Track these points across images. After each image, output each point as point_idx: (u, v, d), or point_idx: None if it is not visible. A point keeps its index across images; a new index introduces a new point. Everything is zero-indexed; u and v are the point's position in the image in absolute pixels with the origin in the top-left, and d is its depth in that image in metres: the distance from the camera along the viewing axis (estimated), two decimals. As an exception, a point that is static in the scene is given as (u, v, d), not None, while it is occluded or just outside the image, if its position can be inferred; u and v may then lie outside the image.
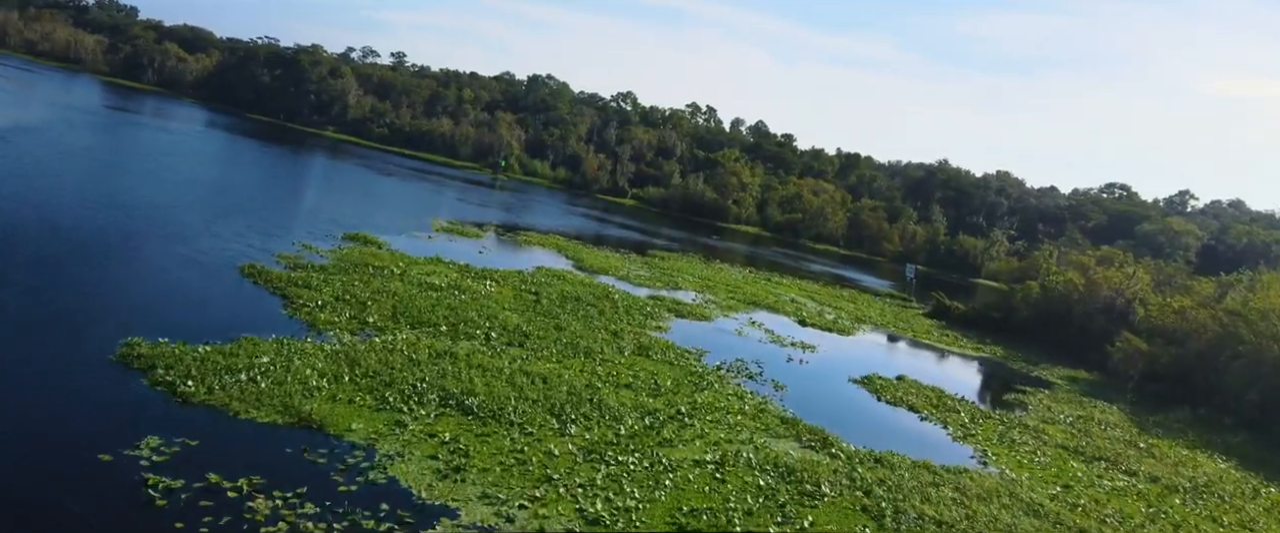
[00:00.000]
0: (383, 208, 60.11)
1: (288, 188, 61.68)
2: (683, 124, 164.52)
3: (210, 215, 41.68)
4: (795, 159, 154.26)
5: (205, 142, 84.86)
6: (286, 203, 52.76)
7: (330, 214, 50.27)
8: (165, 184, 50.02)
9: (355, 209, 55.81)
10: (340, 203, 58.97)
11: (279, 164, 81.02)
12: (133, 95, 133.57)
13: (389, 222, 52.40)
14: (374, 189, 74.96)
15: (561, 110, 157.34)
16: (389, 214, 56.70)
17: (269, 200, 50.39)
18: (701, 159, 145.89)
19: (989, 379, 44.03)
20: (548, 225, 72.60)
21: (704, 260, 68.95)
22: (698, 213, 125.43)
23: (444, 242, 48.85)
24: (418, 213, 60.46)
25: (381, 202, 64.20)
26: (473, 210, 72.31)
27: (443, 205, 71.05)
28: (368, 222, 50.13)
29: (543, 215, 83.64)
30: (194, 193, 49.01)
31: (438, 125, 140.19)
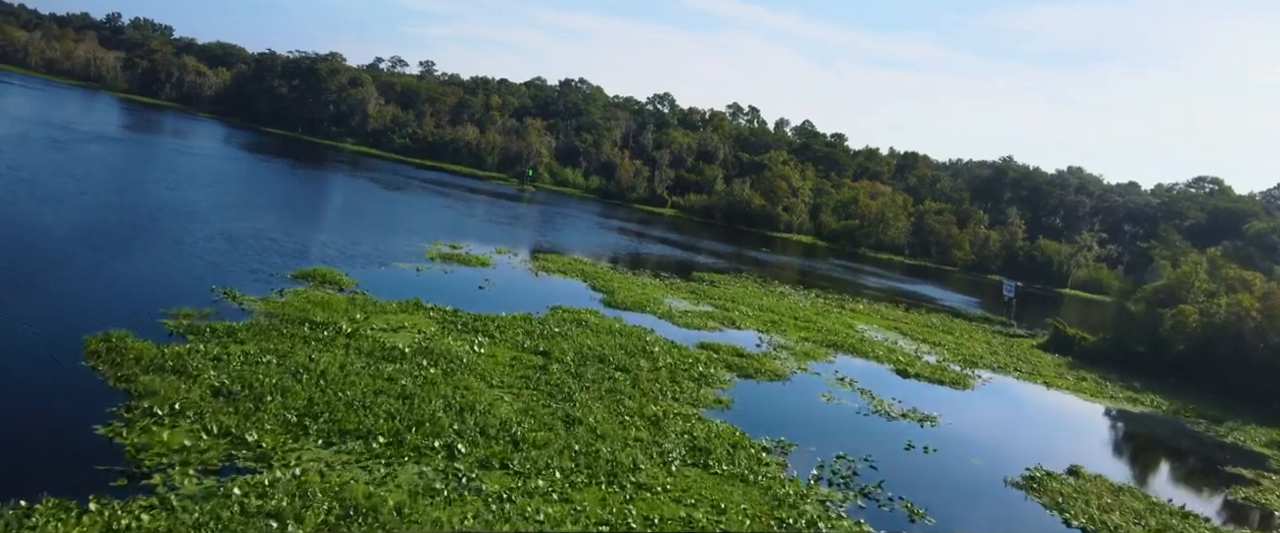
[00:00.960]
0: (377, 229, 50.17)
1: (268, 209, 52.27)
2: (724, 126, 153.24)
3: (119, 251, 31.82)
4: (848, 160, 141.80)
5: (200, 160, 76.28)
6: (254, 229, 43.16)
7: (299, 242, 40.28)
8: (103, 206, 40.56)
9: (339, 234, 45.87)
10: (324, 226, 49.13)
11: (276, 181, 71.93)
12: (149, 113, 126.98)
13: (377, 248, 42.28)
14: (375, 207, 65.23)
15: (594, 114, 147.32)
16: (382, 237, 46.69)
17: (231, 228, 40.87)
18: (746, 163, 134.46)
19: (1178, 455, 32.05)
20: (575, 244, 62.07)
21: (759, 283, 57.69)
22: (744, 221, 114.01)
23: (437, 274, 38.49)
24: (419, 235, 50.37)
25: (378, 222, 54.31)
26: (489, 229, 62.08)
27: (454, 224, 60.93)
28: (349, 250, 40.08)
29: (571, 232, 73.15)
30: (133, 217, 39.42)
31: (462, 134, 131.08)
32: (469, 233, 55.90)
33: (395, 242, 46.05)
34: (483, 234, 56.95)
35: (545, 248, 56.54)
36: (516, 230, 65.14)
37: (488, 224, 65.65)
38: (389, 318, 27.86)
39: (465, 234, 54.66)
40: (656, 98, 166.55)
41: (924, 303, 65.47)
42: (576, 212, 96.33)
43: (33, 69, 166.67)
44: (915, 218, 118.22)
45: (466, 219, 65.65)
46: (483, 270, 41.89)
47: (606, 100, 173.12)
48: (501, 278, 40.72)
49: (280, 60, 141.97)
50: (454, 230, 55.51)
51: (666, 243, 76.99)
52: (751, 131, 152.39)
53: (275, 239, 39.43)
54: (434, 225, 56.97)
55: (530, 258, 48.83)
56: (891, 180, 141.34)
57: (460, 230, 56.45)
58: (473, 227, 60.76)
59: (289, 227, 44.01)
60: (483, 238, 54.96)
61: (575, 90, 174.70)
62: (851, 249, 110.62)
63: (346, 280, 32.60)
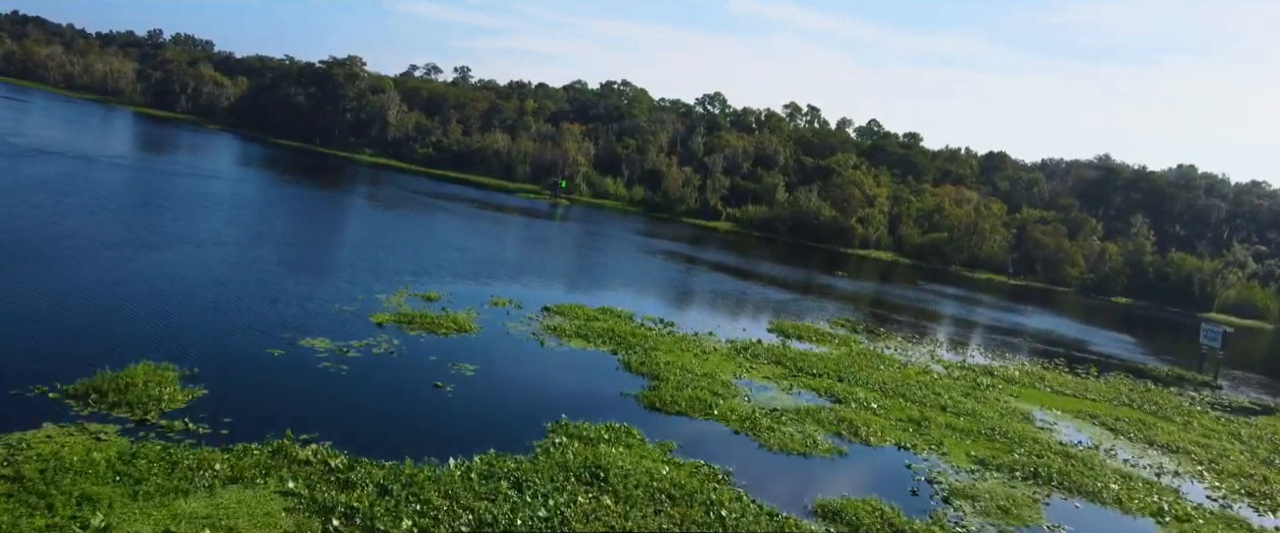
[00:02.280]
0: (331, 270, 36.10)
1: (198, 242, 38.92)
2: (783, 128, 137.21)
3: None
4: (927, 162, 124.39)
5: (201, 185, 63.76)
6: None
7: (174, 321, 26.18)
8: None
9: (269, 281, 31.76)
10: (255, 266, 35.04)
11: (236, 200, 58.82)
12: (162, 128, 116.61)
13: (307, 306, 28.08)
14: (352, 233, 51.35)
15: (638, 117, 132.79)
16: (329, 283, 32.56)
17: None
18: (810, 168, 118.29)
19: None
20: (608, 279, 47.25)
21: (855, 326, 42.11)
22: (812, 236, 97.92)
23: (367, 361, 23.85)
24: (387, 276, 36.17)
25: (340, 257, 40.33)
26: (497, 260, 47.61)
27: (449, 254, 46.64)
28: (253, 313, 25.88)
29: (604, 262, 58.34)
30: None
31: (491, 141, 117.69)
32: (466, 269, 41.43)
33: (340, 290, 31.74)
34: (485, 270, 42.43)
35: (566, 287, 41.76)
36: (533, 261, 50.48)
37: (497, 253, 51.16)
38: (185, 506, 13.21)
39: (458, 272, 40.20)
40: (706, 98, 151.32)
41: (1072, 351, 48.90)
42: (615, 230, 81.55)
43: (51, 84, 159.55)
44: (1015, 228, 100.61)
45: (471, 247, 51.26)
46: (457, 341, 27.17)
47: (651, 103, 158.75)
48: (483, 356, 25.93)
49: (296, 67, 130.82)
50: (444, 265, 41.13)
51: (724, 271, 61.64)
52: (814, 133, 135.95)
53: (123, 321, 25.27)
54: (421, 258, 42.68)
55: (540, 313, 33.98)
56: (976, 184, 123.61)
57: (455, 265, 42.03)
58: (475, 258, 46.31)
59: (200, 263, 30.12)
60: (484, 275, 40.43)
61: (617, 93, 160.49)
62: (940, 267, 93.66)
63: (171, 397, 18.06)
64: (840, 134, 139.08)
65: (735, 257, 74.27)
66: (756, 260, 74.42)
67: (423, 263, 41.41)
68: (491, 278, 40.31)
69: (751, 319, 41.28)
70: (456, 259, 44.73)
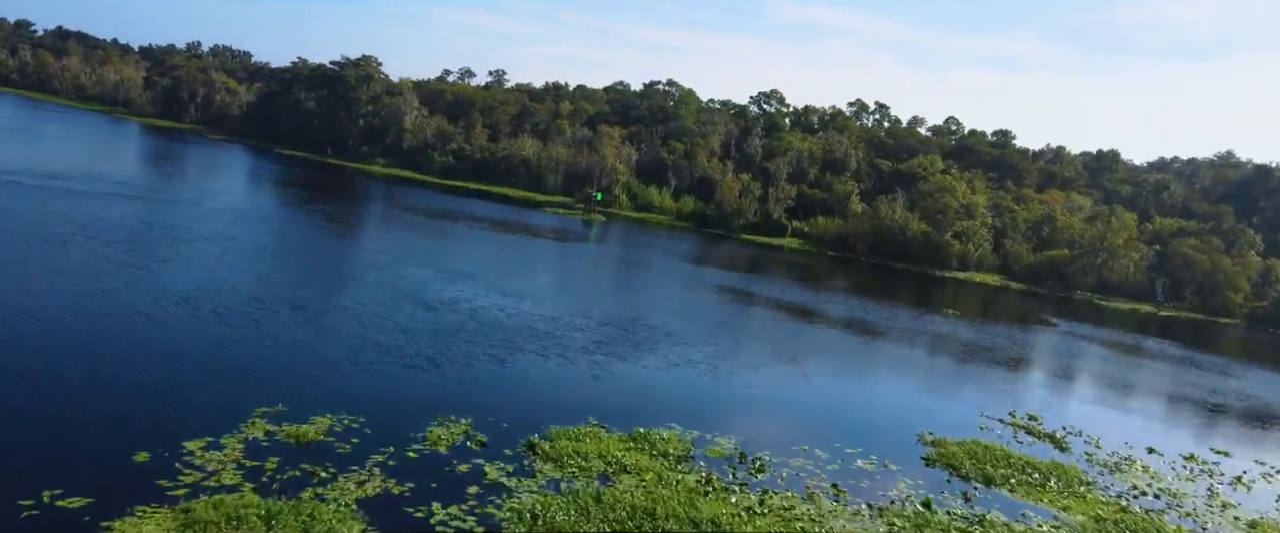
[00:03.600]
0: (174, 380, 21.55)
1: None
2: (851, 128, 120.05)
3: None
4: (1026, 165, 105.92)
5: (202, 217, 50.46)
6: None
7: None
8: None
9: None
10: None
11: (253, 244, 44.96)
12: (170, 143, 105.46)
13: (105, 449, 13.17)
14: (291, 274, 36.84)
15: (685, 118, 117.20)
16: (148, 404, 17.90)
17: None
18: (887, 174, 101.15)
19: None
20: (644, 349, 31.77)
21: (1084, 452, 25.93)
22: (898, 254, 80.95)
23: None
24: (267, 381, 21.37)
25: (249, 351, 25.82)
26: (479, 325, 32.43)
27: (405, 312, 31.75)
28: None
29: (643, 305, 42.77)
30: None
31: (519, 148, 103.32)
32: (425, 344, 26.35)
33: (145, 421, 16.89)
34: (457, 341, 27.28)
35: (580, 372, 26.39)
36: (542, 314, 35.24)
37: (489, 304, 35.98)
38: None
39: (411, 347, 25.12)
40: (762, 96, 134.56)
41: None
42: (659, 254, 66.03)
43: (61, 95, 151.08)
44: (1152, 243, 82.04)
45: (457, 296, 36.21)
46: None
47: (699, 104, 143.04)
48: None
49: (305, 70, 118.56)
50: (390, 340, 26.15)
51: (799, 313, 45.58)
52: (889, 133, 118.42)
53: None
54: (362, 322, 27.75)
55: (515, 459, 18.52)
56: (1086, 189, 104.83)
57: (414, 333, 26.99)
58: (453, 317, 31.22)
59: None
60: (449, 356, 25.27)
61: (661, 93, 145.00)
62: (1063, 293, 75.76)
63: None
64: (916, 134, 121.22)
65: (809, 288, 58.13)
66: (835, 291, 58.17)
67: (360, 334, 26.39)
68: (459, 361, 25.09)
69: (879, 427, 25.29)
70: (419, 325, 29.63)
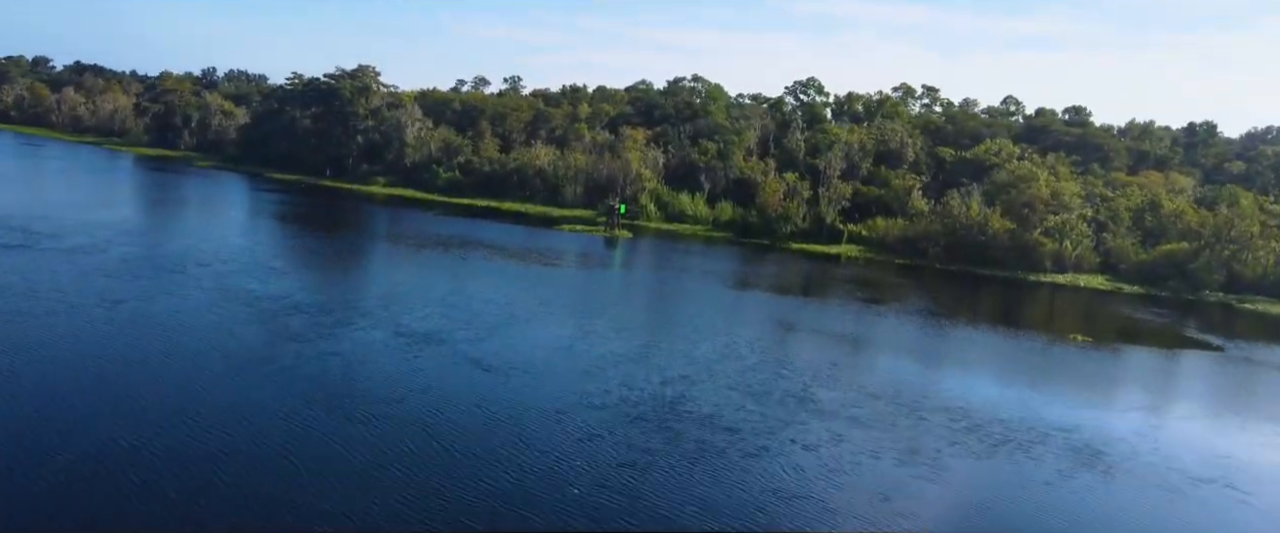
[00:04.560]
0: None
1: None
2: (902, 113, 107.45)
3: None
4: (1113, 144, 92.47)
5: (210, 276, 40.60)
6: None
7: None
8: None
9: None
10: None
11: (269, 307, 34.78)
12: (165, 174, 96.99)
13: None
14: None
15: (716, 116, 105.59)
16: None
17: None
18: (953, 164, 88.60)
19: None
20: (686, 438, 20.42)
21: None
22: (977, 258, 68.49)
23: None
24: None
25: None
26: (435, 438, 21.32)
27: (326, 436, 20.56)
28: None
29: (681, 359, 31.50)
30: None
31: (532, 157, 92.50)
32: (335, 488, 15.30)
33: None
34: (398, 480, 16.19)
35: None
36: (540, 391, 24.15)
37: (457, 385, 24.93)
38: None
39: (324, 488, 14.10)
40: (798, 86, 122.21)
41: None
42: (695, 277, 54.54)
43: (58, 128, 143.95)
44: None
45: (416, 377, 25.31)
46: None
47: (728, 100, 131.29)
48: None
49: (300, 85, 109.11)
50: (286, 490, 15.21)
51: (888, 354, 33.87)
52: (947, 117, 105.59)
53: None
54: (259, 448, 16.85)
55: None
56: (1182, 167, 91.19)
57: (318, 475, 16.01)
58: (394, 423, 20.19)
59: None
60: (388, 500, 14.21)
61: (687, 90, 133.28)
62: (1187, 294, 62.64)
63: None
64: (978, 117, 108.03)
65: (886, 311, 46.26)
66: (919, 314, 46.19)
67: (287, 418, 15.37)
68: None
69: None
70: (343, 452, 18.61)
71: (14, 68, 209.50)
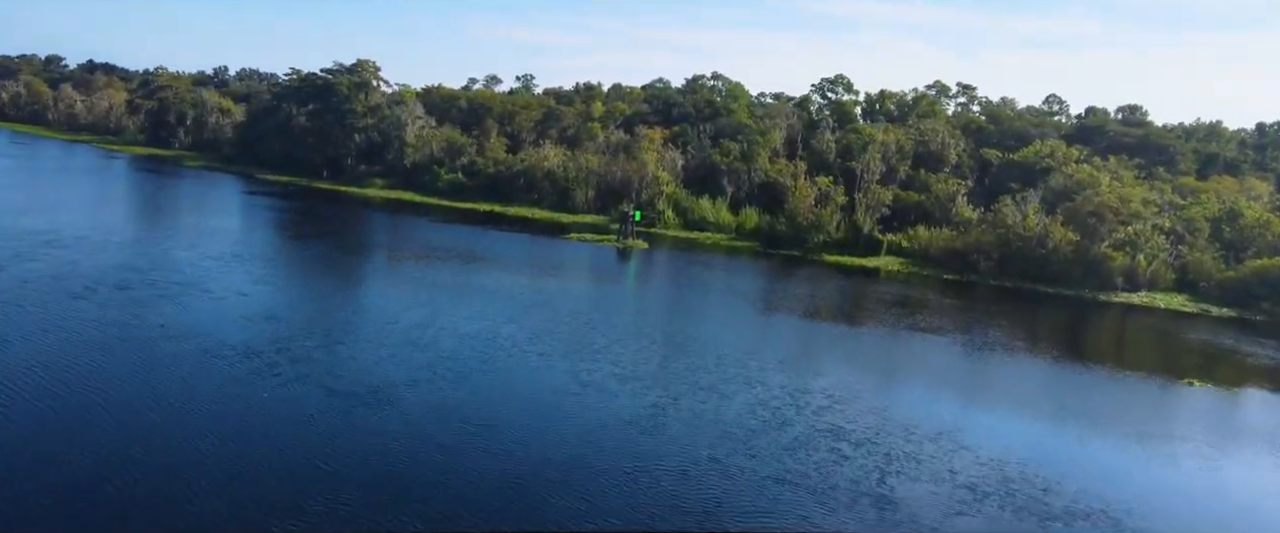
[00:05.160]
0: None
1: None
2: (938, 112, 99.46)
3: None
4: (1179, 146, 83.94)
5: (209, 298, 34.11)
6: None
7: None
8: None
9: None
10: None
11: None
12: (160, 177, 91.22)
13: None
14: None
15: (739, 114, 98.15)
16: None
17: None
18: (998, 166, 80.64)
19: None
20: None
21: None
22: (1036, 273, 60.58)
23: None
24: None
25: None
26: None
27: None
28: None
29: (710, 426, 23.99)
30: None
31: (541, 158, 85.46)
32: None
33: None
34: None
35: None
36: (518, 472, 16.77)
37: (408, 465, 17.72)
38: None
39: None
40: (826, 83, 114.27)
41: None
42: (719, 299, 47.14)
43: (52, 126, 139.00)
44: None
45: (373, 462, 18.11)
46: None
47: (749, 99, 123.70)
48: None
49: (296, 81, 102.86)
50: None
51: (964, 402, 26.35)
52: (989, 116, 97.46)
53: None
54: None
55: None
56: (1255, 171, 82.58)
57: None
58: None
59: None
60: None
61: (706, 88, 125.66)
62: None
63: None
64: (1025, 117, 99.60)
65: (941, 338, 38.72)
66: (982, 343, 38.59)
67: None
68: None
69: None
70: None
71: (26, 66, 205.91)
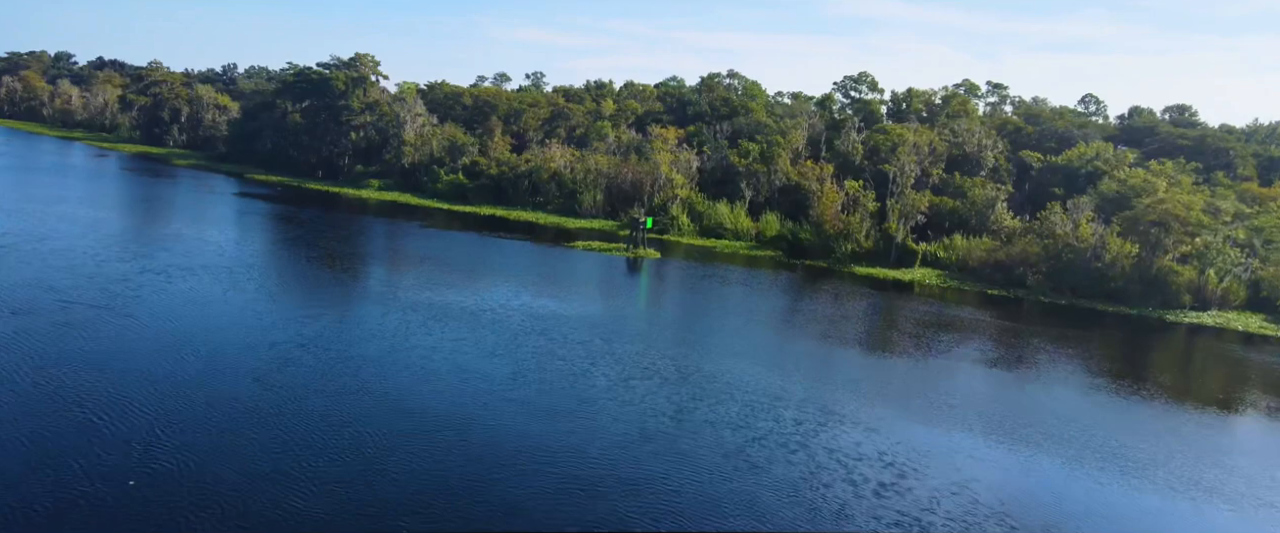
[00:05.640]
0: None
1: None
2: (970, 112, 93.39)
3: None
4: (1240, 149, 77.51)
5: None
6: None
7: None
8: None
9: None
10: None
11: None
12: (151, 180, 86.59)
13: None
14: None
15: (757, 113, 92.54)
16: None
17: None
18: (1039, 170, 74.61)
19: None
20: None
21: None
22: (1092, 290, 54.64)
23: None
24: None
25: None
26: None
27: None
28: None
29: (725, 448, 18.25)
30: None
31: (547, 159, 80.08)
32: None
33: None
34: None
35: None
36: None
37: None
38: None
39: None
40: (849, 81, 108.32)
41: None
42: (737, 322, 41.52)
43: (48, 123, 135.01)
44: None
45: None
46: None
47: (768, 98, 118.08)
48: None
49: (290, 76, 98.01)
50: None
51: (1044, 471, 20.56)
52: (1026, 116, 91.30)
53: None
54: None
55: None
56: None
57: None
58: None
59: None
60: None
61: (722, 86, 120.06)
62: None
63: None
64: (1067, 116, 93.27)
65: (1010, 373, 32.97)
66: (1067, 379, 32.79)
67: None
68: None
69: None
70: None
71: (35, 62, 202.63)
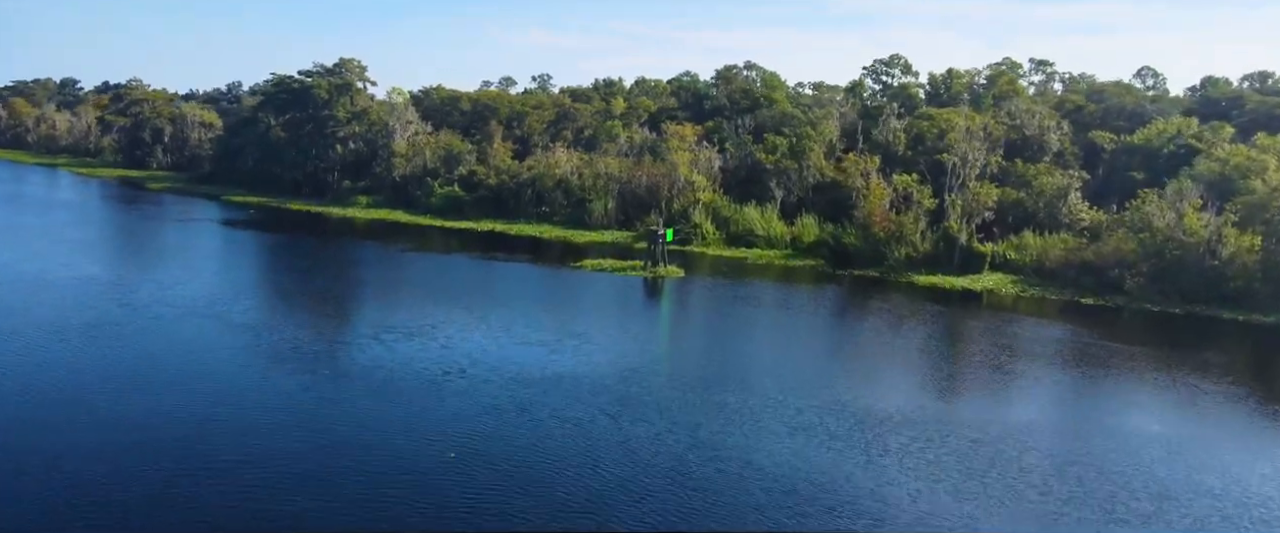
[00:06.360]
0: None
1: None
2: (1020, 92, 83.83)
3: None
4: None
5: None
6: None
7: None
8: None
9: None
10: None
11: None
12: (131, 210, 79.50)
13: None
14: None
15: (781, 103, 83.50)
16: None
17: None
18: (1112, 153, 65.13)
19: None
20: None
21: None
22: (1207, 294, 45.21)
23: None
24: None
25: None
26: None
27: None
28: None
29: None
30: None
31: (551, 164, 71.53)
32: None
33: None
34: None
35: None
36: None
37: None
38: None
39: None
40: (880, 66, 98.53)
41: None
42: (780, 350, 32.44)
43: (32, 150, 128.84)
44: None
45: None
46: None
47: (789, 90, 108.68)
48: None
49: (271, 87, 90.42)
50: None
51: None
52: (1088, 93, 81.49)
53: None
54: None
55: None
56: None
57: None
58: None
59: None
60: None
61: (740, 78, 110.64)
62: None
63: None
64: (1132, 91, 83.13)
65: (1140, 417, 23.91)
66: (1227, 428, 23.73)
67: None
68: None
69: None
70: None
71: (40, 90, 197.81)
